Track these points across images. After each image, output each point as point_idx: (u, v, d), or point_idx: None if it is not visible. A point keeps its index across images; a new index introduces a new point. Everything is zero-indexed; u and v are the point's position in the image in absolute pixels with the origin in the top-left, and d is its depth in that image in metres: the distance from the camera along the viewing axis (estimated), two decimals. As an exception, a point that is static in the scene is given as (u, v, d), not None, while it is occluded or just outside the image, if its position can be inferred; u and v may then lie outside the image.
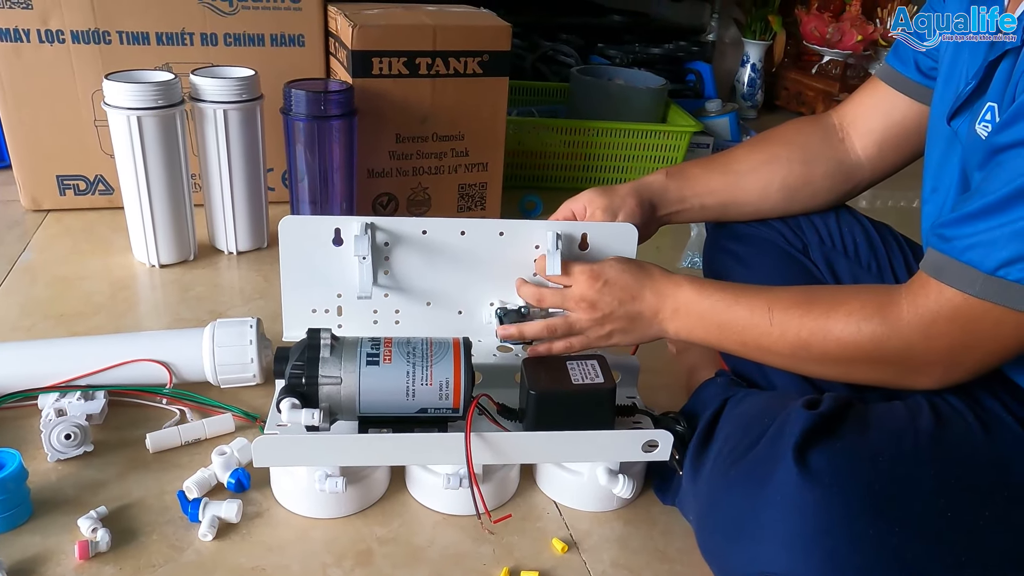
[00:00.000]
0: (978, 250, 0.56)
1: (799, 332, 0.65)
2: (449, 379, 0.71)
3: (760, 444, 0.64)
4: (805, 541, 0.58)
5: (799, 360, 0.67)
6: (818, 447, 0.60)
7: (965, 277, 0.57)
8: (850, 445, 0.60)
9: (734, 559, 0.63)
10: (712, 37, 2.36)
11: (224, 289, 1.18)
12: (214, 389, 0.91)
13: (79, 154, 1.34)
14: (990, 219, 0.56)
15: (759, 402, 0.71)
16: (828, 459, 0.59)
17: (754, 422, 0.67)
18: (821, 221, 0.88)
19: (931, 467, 0.60)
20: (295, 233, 0.78)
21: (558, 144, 1.63)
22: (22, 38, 1.23)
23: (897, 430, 0.62)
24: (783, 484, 0.59)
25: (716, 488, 0.67)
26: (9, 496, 0.70)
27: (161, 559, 0.69)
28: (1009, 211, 0.55)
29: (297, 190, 1.25)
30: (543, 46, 2.04)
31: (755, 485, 0.62)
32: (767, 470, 0.61)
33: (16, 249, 1.24)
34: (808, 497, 0.58)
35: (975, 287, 0.56)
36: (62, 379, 0.86)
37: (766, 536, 0.60)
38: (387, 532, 0.75)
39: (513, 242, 0.81)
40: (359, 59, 1.24)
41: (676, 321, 0.73)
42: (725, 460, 0.67)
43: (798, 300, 0.67)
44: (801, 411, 0.62)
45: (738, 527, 0.63)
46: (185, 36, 1.30)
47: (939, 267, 0.59)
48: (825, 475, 0.58)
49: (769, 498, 0.60)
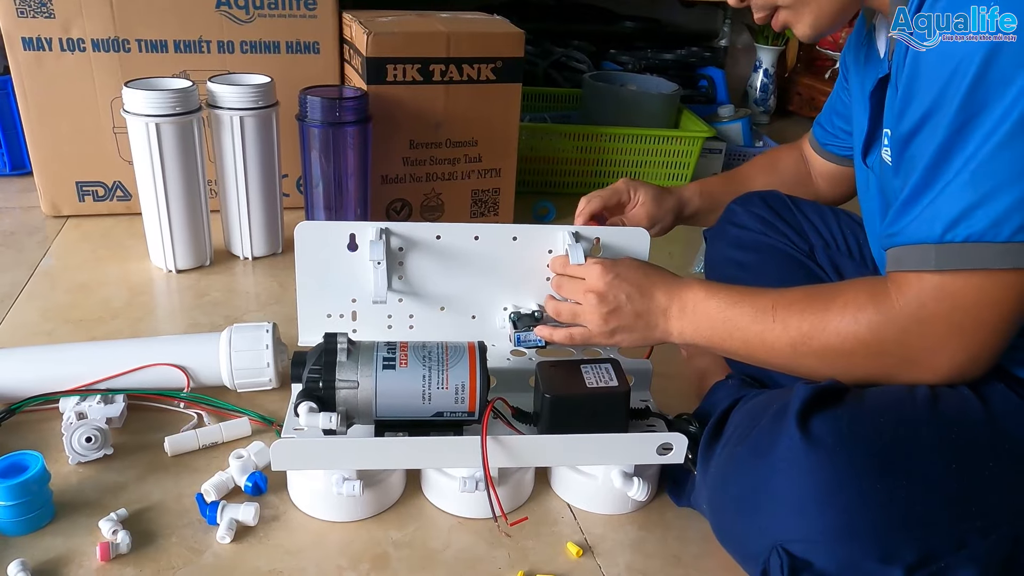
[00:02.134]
0: (921, 227, 0.59)
1: (800, 326, 0.66)
2: (465, 383, 0.71)
3: (763, 420, 0.65)
4: (815, 503, 0.59)
5: (800, 356, 0.67)
6: (819, 414, 0.61)
7: (921, 256, 0.59)
8: (850, 410, 0.61)
9: (749, 535, 0.64)
10: (724, 42, 2.36)
11: (240, 294, 1.19)
12: (231, 393, 0.92)
13: (98, 160, 1.35)
14: (921, 198, 0.59)
15: (766, 396, 0.72)
16: (830, 423, 0.60)
17: (760, 408, 0.68)
18: (823, 225, 0.91)
19: (930, 426, 0.60)
20: (311, 238, 0.79)
21: (571, 150, 1.64)
22: (44, 47, 1.25)
23: (895, 399, 0.63)
24: (788, 450, 0.60)
25: (724, 467, 0.68)
26: (32, 498, 0.71)
27: (180, 561, 0.70)
28: (933, 184, 0.58)
29: (312, 196, 1.26)
30: (555, 52, 2.05)
31: (761, 456, 0.63)
32: (771, 440, 0.62)
33: (37, 255, 1.26)
34: (813, 459, 0.59)
35: (932, 262, 0.58)
36: (82, 383, 0.87)
37: (776, 506, 0.61)
38: (403, 536, 0.75)
39: (527, 247, 0.81)
40: (373, 66, 1.25)
41: (683, 319, 0.73)
42: (733, 442, 0.68)
43: (799, 297, 0.68)
44: (802, 386, 0.64)
45: (748, 501, 0.64)
46: (202, 44, 1.32)
47: (898, 259, 0.61)
48: (828, 437, 0.59)
49: (776, 466, 0.61)
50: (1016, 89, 0.54)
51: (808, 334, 0.65)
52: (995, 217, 0.56)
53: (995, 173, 0.55)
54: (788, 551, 0.60)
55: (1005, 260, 0.56)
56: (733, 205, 0.97)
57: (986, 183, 0.55)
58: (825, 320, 0.64)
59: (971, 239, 0.57)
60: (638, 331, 0.75)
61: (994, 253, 0.56)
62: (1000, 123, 0.54)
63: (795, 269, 0.88)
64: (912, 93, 0.60)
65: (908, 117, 0.61)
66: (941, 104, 0.57)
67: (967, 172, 0.56)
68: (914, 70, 0.60)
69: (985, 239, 0.56)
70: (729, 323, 0.70)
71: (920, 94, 0.59)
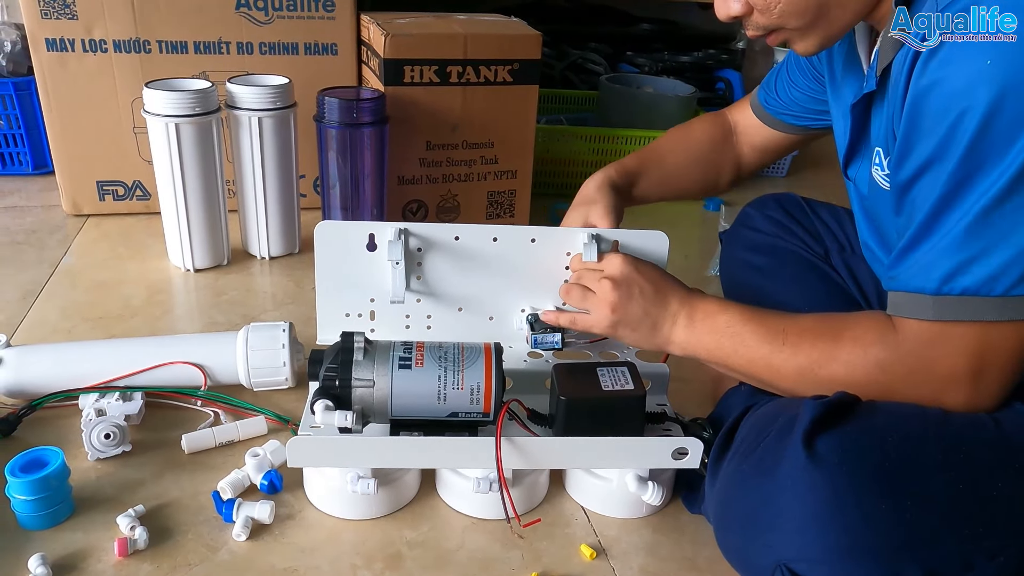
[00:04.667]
0: (918, 276, 0.59)
1: (810, 353, 0.66)
2: (480, 384, 0.71)
3: (770, 436, 0.64)
4: (818, 523, 0.58)
5: (805, 382, 0.66)
6: (825, 433, 0.60)
7: (918, 305, 0.60)
8: (857, 428, 0.61)
9: (752, 551, 0.63)
10: (742, 45, 2.35)
11: (257, 293, 1.20)
12: (247, 392, 0.93)
13: (118, 160, 1.37)
14: (920, 246, 0.60)
15: (775, 405, 0.71)
16: (836, 442, 0.60)
17: (767, 421, 0.67)
18: (838, 228, 0.90)
19: (938, 444, 0.60)
20: (330, 238, 0.80)
21: (587, 152, 1.63)
22: (67, 48, 1.27)
23: (905, 416, 0.62)
24: (792, 469, 0.60)
25: (730, 483, 0.67)
26: (52, 493, 0.72)
27: (196, 558, 0.71)
28: (931, 234, 0.59)
29: (329, 197, 1.27)
30: (572, 54, 2.04)
31: (766, 474, 0.62)
32: (776, 458, 0.62)
33: (58, 253, 1.27)
34: (817, 478, 0.58)
35: (929, 312, 0.59)
36: (101, 380, 0.88)
37: (779, 523, 0.60)
38: (417, 535, 0.75)
39: (545, 249, 0.81)
40: (391, 67, 1.25)
41: (688, 330, 0.72)
42: (739, 457, 0.67)
43: (811, 325, 0.67)
44: (810, 402, 0.63)
45: (753, 518, 0.63)
46: (222, 45, 1.33)
47: (897, 305, 0.62)
48: (833, 456, 0.59)
49: (780, 484, 0.60)
50: (1017, 148, 0.54)
51: (817, 362, 0.65)
52: (991, 272, 0.56)
53: (991, 229, 0.56)
54: (792, 570, 0.59)
55: (1003, 313, 0.57)
56: (748, 208, 0.97)
57: (982, 238, 0.56)
58: (835, 351, 0.64)
59: (967, 292, 0.57)
60: (641, 330, 0.74)
61: (991, 306, 0.57)
62: (998, 180, 0.55)
63: (810, 273, 0.88)
64: (914, 139, 0.60)
65: (909, 164, 0.61)
66: (943, 155, 0.57)
67: (963, 226, 0.57)
68: (915, 110, 0.59)
69: (981, 293, 0.57)
70: (736, 339, 0.69)
71: (922, 141, 0.59)
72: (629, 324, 0.74)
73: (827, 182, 1.90)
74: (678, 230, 1.44)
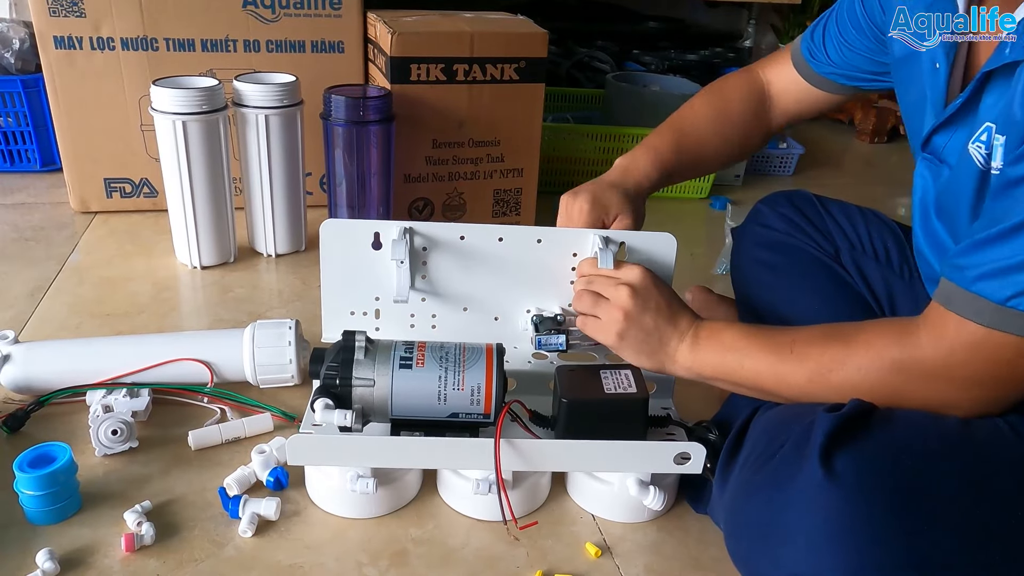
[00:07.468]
0: (989, 280, 0.56)
1: (820, 359, 0.65)
2: (481, 385, 0.71)
3: (785, 448, 0.64)
4: (830, 542, 0.57)
5: (816, 389, 0.65)
6: (843, 450, 0.59)
7: (975, 308, 0.57)
8: (874, 445, 0.60)
9: (762, 564, 0.63)
10: (749, 43, 2.34)
11: (263, 291, 1.20)
12: (253, 389, 0.93)
13: (126, 157, 1.38)
14: (1002, 247, 0.55)
15: (786, 409, 0.71)
16: (851, 461, 0.59)
17: (780, 429, 0.67)
18: (850, 226, 0.89)
19: (957, 463, 0.59)
20: (336, 236, 0.80)
21: (593, 150, 1.63)
22: (75, 45, 1.27)
23: (923, 430, 0.61)
24: (806, 485, 0.59)
25: (742, 493, 0.67)
26: (60, 489, 0.73)
27: (202, 554, 0.71)
28: (1018, 241, 0.54)
29: (335, 194, 1.27)
30: (578, 53, 2.04)
31: (779, 488, 0.62)
32: (791, 473, 0.61)
33: (65, 250, 1.28)
34: (831, 497, 0.57)
35: (985, 318, 0.57)
36: (109, 376, 0.88)
37: (791, 538, 0.60)
38: (422, 533, 0.76)
39: (551, 249, 0.81)
40: (398, 65, 1.25)
41: (694, 350, 0.72)
42: (751, 466, 0.67)
43: (818, 333, 0.67)
44: (825, 415, 0.62)
45: (764, 530, 0.63)
46: (229, 43, 1.33)
47: (948, 297, 0.59)
48: (850, 474, 0.58)
49: (792, 500, 0.60)
50: None
51: (828, 367, 0.64)
52: None
53: None
54: None
55: None
56: (760, 205, 0.96)
57: None
58: (847, 355, 0.64)
59: None
60: (647, 346, 0.73)
61: None
62: None
63: (820, 271, 0.87)
64: None
65: None
66: None
67: None
68: None
69: None
70: (741, 352, 0.69)
71: None
72: (637, 336, 0.73)
73: (833, 181, 1.90)
74: (684, 228, 1.43)
